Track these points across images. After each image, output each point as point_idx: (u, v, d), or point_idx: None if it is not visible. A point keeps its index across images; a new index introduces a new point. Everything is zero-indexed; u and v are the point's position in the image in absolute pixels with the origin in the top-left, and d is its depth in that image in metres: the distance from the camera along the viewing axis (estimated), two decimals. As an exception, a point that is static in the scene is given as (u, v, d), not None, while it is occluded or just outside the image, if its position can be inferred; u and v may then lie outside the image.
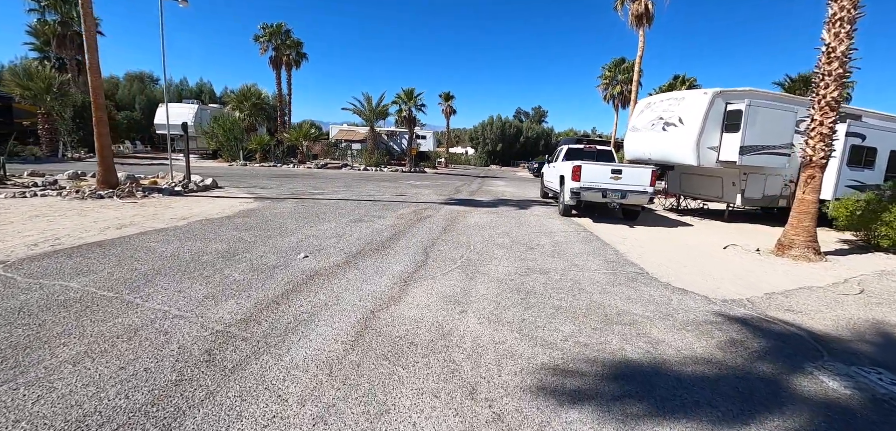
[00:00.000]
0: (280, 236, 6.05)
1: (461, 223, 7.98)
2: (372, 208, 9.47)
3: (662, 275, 5.08)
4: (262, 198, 10.23)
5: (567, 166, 9.23)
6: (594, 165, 8.79)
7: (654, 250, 6.56)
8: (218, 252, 5.05)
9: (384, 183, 16.74)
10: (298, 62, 33.00)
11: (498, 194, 14.42)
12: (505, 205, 11.39)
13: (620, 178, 8.57)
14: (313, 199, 10.52)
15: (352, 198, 11.13)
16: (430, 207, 10.12)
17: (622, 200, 8.57)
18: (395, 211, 9.11)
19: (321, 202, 9.91)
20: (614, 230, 8.13)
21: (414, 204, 10.44)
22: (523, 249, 6.09)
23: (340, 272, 4.55)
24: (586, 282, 4.59)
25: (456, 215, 8.93)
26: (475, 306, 3.73)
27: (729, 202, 10.60)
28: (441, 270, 4.82)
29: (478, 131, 59.03)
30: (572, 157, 10.93)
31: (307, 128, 25.28)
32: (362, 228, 7.04)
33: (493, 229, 7.50)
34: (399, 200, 11.22)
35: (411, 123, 26.49)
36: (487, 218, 8.80)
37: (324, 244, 5.72)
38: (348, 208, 9.29)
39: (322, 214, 8.26)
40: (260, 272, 4.37)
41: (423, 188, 15.13)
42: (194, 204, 8.83)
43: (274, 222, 7.19)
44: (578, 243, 6.75)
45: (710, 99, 9.40)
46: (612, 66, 29.25)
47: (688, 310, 3.90)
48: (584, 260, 5.60)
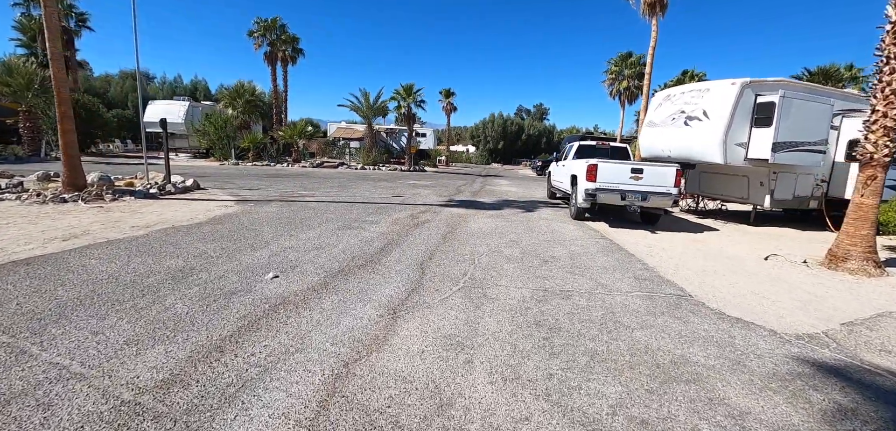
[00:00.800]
0: (251, 250, 5.15)
1: (463, 230, 7.08)
2: (364, 211, 8.57)
3: (710, 298, 4.17)
4: (245, 200, 9.34)
5: (580, 165, 8.31)
6: (612, 163, 7.88)
7: (687, 262, 5.65)
8: (169, 272, 4.16)
9: (381, 183, 15.84)
10: (295, 58, 32.03)
11: (502, 195, 13.52)
12: (510, 207, 10.49)
13: (641, 178, 7.66)
14: (301, 201, 9.62)
15: (344, 200, 10.23)
16: (428, 210, 9.22)
17: (643, 203, 7.66)
18: (390, 215, 8.21)
19: (309, 205, 9.02)
20: (636, 237, 7.22)
21: (411, 207, 9.54)
22: (536, 262, 5.19)
23: (314, 298, 3.66)
24: (620, 310, 3.69)
25: (457, 220, 8.02)
26: (484, 351, 2.83)
27: (755, 204, 9.68)
28: (439, 293, 3.92)
29: (479, 129, 58.09)
30: (584, 154, 10.02)
31: (302, 126, 24.33)
32: (350, 236, 6.14)
33: (499, 237, 6.60)
34: (395, 202, 10.32)
35: (410, 120, 25.55)
36: (492, 223, 7.90)
37: (301, 259, 4.82)
38: (338, 211, 8.39)
39: (307, 219, 7.37)
40: (212, 301, 3.48)
41: (421, 188, 14.23)
42: (166, 208, 7.95)
43: (249, 230, 6.30)
44: (599, 253, 5.84)
45: (739, 90, 8.48)
46: (618, 60, 28.23)
47: (761, 354, 3.00)
48: (611, 278, 4.69)
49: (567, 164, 10.08)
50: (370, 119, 25.86)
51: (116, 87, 36.68)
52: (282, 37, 29.55)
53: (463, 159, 55.40)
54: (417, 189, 13.87)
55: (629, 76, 27.44)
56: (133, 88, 36.16)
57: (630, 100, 28.52)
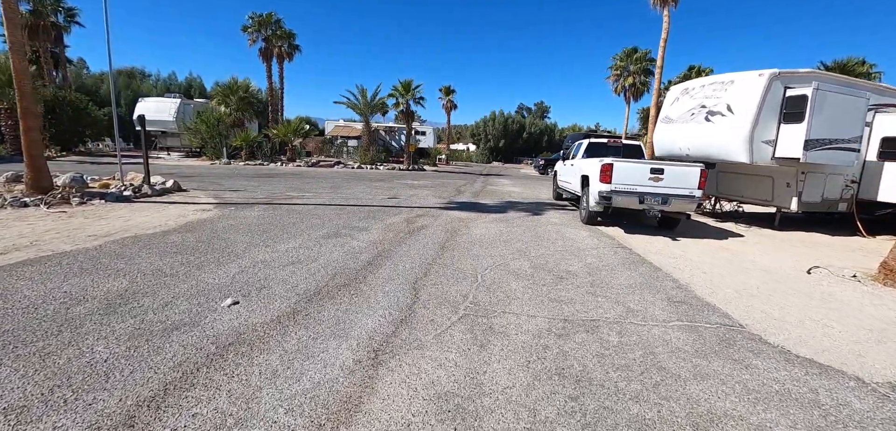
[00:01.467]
0: (216, 265, 4.40)
1: (464, 237, 6.33)
2: (355, 215, 7.82)
3: (765, 328, 3.42)
4: (227, 203, 8.60)
5: (593, 165, 7.56)
6: (629, 163, 7.12)
7: (722, 277, 4.89)
8: (106, 298, 3.41)
9: (377, 183, 15.09)
10: (291, 54, 31.25)
11: (505, 196, 12.76)
12: (514, 209, 9.73)
13: (661, 179, 6.90)
14: (288, 204, 8.87)
15: (335, 202, 9.48)
16: (426, 213, 8.46)
17: (664, 207, 6.90)
18: (383, 220, 7.45)
19: (296, 209, 8.27)
20: (657, 245, 6.46)
21: (407, 210, 8.79)
22: (550, 280, 4.43)
23: (277, 334, 2.91)
24: (663, 349, 2.94)
25: (457, 226, 7.27)
26: (494, 419, 2.08)
27: (780, 207, 8.92)
28: (435, 325, 3.17)
29: (479, 127, 57.31)
30: (595, 153, 9.26)
31: (297, 123, 23.55)
32: (335, 247, 5.39)
33: (504, 247, 5.85)
34: (390, 204, 9.57)
35: (409, 117, 24.76)
36: (496, 229, 7.14)
37: (272, 278, 4.07)
38: (327, 216, 7.64)
39: (290, 226, 6.62)
40: (145, 341, 2.73)
41: (420, 189, 13.48)
42: (137, 213, 7.21)
43: (221, 239, 5.55)
44: (620, 267, 5.08)
45: (767, 82, 7.71)
46: (623, 55, 27.39)
47: (860, 420, 2.25)
48: (641, 300, 3.94)
49: (576, 163, 9.32)
50: (367, 116, 25.08)
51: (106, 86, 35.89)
52: (277, 32, 28.77)
53: (463, 158, 54.65)
54: (415, 190, 13.12)
55: (635, 72, 26.61)
56: (127, 86, 35.40)
57: (635, 96, 27.71)
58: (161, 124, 24.58)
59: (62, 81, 27.61)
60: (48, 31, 25.32)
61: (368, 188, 12.98)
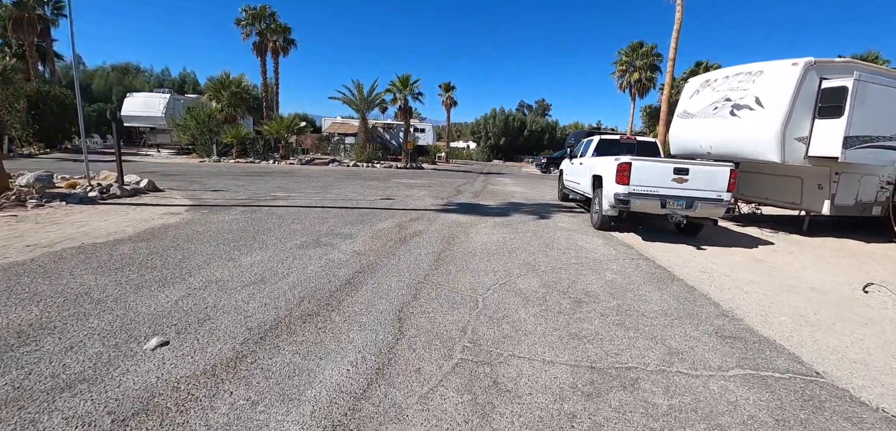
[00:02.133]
0: (158, 287, 3.61)
1: (462, 247, 5.54)
2: (342, 220, 7.03)
3: (851, 380, 2.64)
4: (202, 205, 7.81)
5: (607, 165, 6.77)
6: (649, 162, 6.32)
7: (771, 300, 4.11)
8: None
9: (372, 182, 14.30)
10: (286, 49, 30.44)
11: (507, 196, 11.97)
12: (518, 212, 8.95)
13: (686, 180, 6.11)
14: (271, 206, 8.09)
15: (323, 204, 8.70)
16: (421, 217, 7.68)
17: (689, 211, 6.11)
18: (372, 225, 6.67)
19: (277, 212, 7.48)
20: (683, 255, 5.68)
21: (400, 213, 8.00)
22: (567, 305, 3.65)
23: (204, 396, 2.13)
24: (730, 420, 2.15)
25: (455, 232, 6.49)
26: None
27: (809, 210, 8.14)
28: (421, 380, 2.39)
29: (480, 125, 56.46)
30: (606, 151, 8.47)
31: (290, 119, 22.68)
32: (311, 260, 4.60)
33: (509, 258, 5.06)
34: (383, 206, 8.78)
35: (407, 114, 23.93)
36: (498, 235, 6.36)
37: (222, 305, 3.29)
38: (310, 220, 6.85)
39: (265, 232, 5.83)
40: (14, 410, 1.95)
41: (416, 188, 12.69)
42: (96, 218, 6.42)
43: (179, 250, 4.76)
44: (647, 285, 4.30)
45: (801, 72, 6.91)
46: (629, 50, 26.53)
47: None
48: (683, 335, 3.15)
49: (585, 162, 8.53)
50: (364, 112, 24.24)
51: (100, 80, 35.05)
52: (271, 26, 27.95)
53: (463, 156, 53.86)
54: (412, 189, 12.33)
55: (641, 67, 25.76)
56: (118, 81, 34.56)
57: (641, 93, 26.87)
58: (149, 121, 23.77)
59: (50, 75, 26.79)
60: (34, 24, 24.48)
61: (361, 188, 12.19)
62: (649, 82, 26.12)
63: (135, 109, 24.19)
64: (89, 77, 34.76)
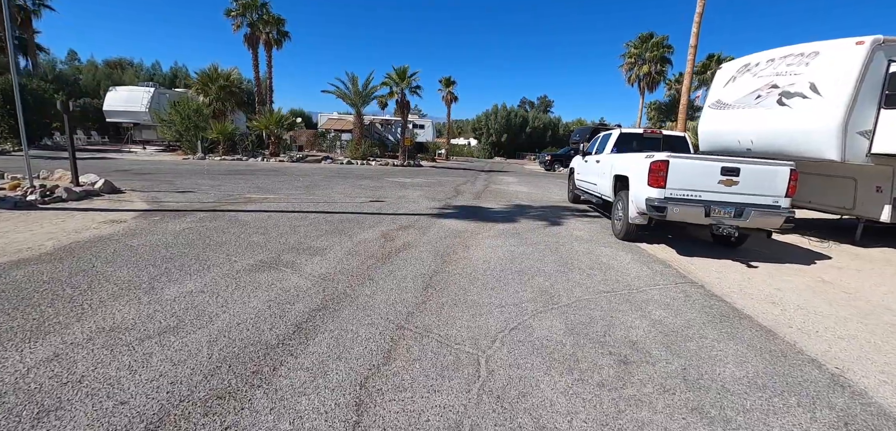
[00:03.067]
0: (24, 339, 2.49)
1: (459, 267, 4.42)
2: (317, 228, 5.91)
3: None
4: (159, 210, 6.70)
5: (634, 163, 5.64)
6: (691, 160, 5.17)
7: (884, 353, 2.98)
8: None
9: (364, 181, 13.17)
10: (280, 42, 29.19)
11: (511, 197, 10.84)
12: (525, 216, 7.81)
13: (736, 183, 4.97)
14: (238, 211, 6.97)
15: (301, 208, 7.58)
16: (412, 224, 6.56)
17: (739, 221, 4.96)
18: (352, 236, 5.55)
19: (242, 219, 6.36)
20: (733, 277, 4.55)
21: (389, 218, 6.87)
22: (610, 371, 2.52)
23: None
24: None
25: (451, 245, 5.36)
26: None
27: (864, 216, 6.99)
28: None
29: (481, 121, 55.32)
30: (627, 146, 7.34)
31: (279, 114, 21.49)
32: (258, 290, 3.48)
33: (520, 285, 3.94)
34: (370, 210, 7.66)
35: (404, 108, 22.71)
36: (505, 249, 5.23)
37: (91, 379, 2.16)
38: (278, 230, 5.73)
39: (215, 247, 4.71)
40: None
41: (411, 189, 11.56)
42: (22, 227, 5.32)
43: (90, 275, 3.64)
44: (711, 329, 3.17)
45: (867, 53, 5.76)
46: (638, 42, 25.25)
47: None
48: (791, 425, 2.03)
49: (604, 160, 7.39)
50: (359, 107, 23.04)
51: (89, 74, 33.90)
52: (264, 17, 26.71)
53: (464, 153, 52.68)
54: (406, 190, 11.20)
55: (651, 60, 24.49)
56: (107, 76, 33.40)
57: (650, 87, 25.62)
58: (133, 116, 22.62)
59: (33, 69, 25.66)
60: (14, 14, 23.32)
61: (351, 188, 11.06)
62: (659, 75, 24.87)
63: (117, 103, 23.04)
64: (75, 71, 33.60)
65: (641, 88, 25.44)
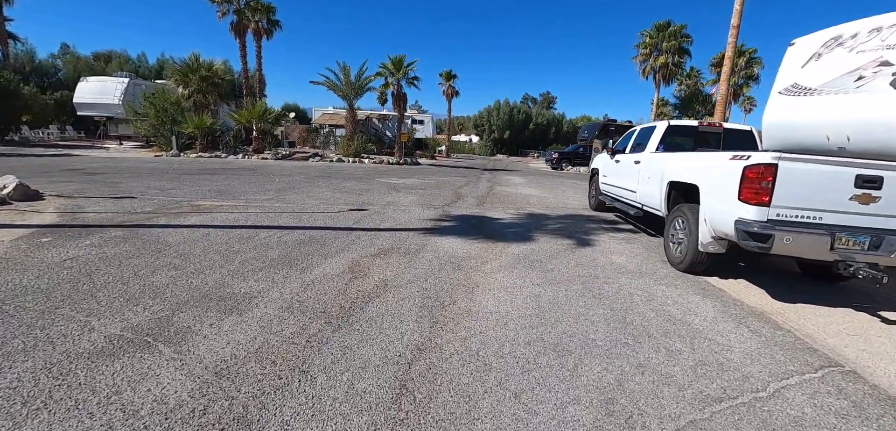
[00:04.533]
0: None
1: (460, 333, 2.77)
2: (260, 257, 4.25)
3: None
4: (68, 225, 5.05)
5: (713, 166, 4.00)
6: (814, 165, 3.48)
7: None
8: None
9: (351, 182, 11.51)
10: (270, 32, 27.49)
11: (521, 202, 9.18)
12: (543, 231, 6.16)
13: (876, 200, 3.31)
14: (169, 226, 5.32)
15: (255, 223, 5.93)
16: (395, 247, 4.90)
17: (881, 256, 3.30)
18: (306, 270, 3.89)
19: (166, 240, 4.70)
20: (880, 343, 2.90)
21: (367, 237, 5.22)
22: None
23: None
24: None
25: (448, 285, 3.71)
26: None
27: None
28: None
29: (483, 117, 53.60)
30: (678, 142, 5.68)
31: (263, 107, 19.72)
32: (72, 417, 1.83)
33: (564, 380, 2.28)
34: (344, 223, 6.01)
35: (400, 101, 20.95)
36: (526, 294, 3.57)
37: None
38: (206, 258, 4.08)
39: (83, 297, 3.06)
40: None
41: (404, 192, 9.91)
42: None
43: None
44: None
45: None
46: (654, 31, 23.40)
47: None
48: None
49: (648, 161, 5.72)
50: (351, 99, 21.30)
51: (70, 66, 32.15)
52: (251, 4, 24.97)
53: (466, 150, 51.05)
54: (397, 193, 9.55)
55: (668, 50, 22.64)
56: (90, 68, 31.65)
57: (666, 79, 23.81)
58: (105, 109, 20.92)
59: (4, 58, 23.98)
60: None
61: (332, 191, 9.40)
62: (676, 67, 23.06)
63: (88, 95, 21.32)
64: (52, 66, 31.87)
65: (657, 81, 23.58)
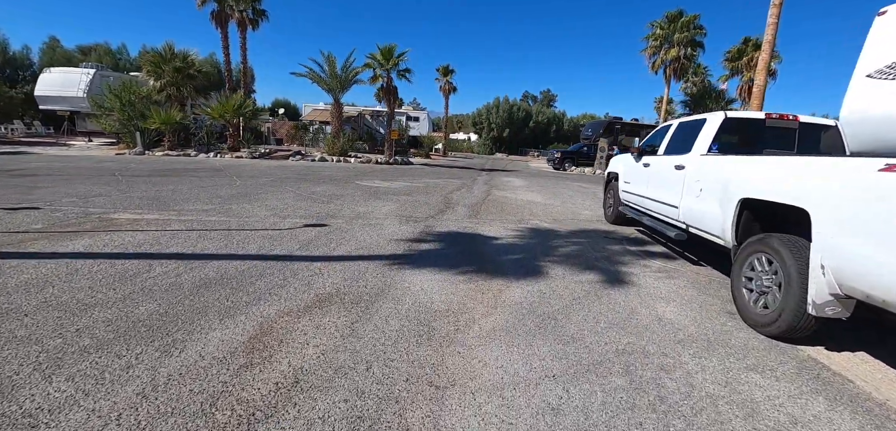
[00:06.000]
0: None
1: None
2: (128, 315, 2.71)
3: None
4: None
5: (839, 179, 2.47)
6: None
7: None
8: None
9: (322, 187, 9.97)
10: (255, 22, 25.80)
11: (522, 212, 7.66)
12: (555, 259, 4.63)
13: None
14: (39, 255, 3.78)
15: (165, 250, 4.38)
16: (341, 291, 3.37)
17: None
18: (181, 347, 2.36)
19: (25, 275, 3.16)
20: None
21: (308, 273, 3.68)
22: None
23: None
24: None
25: (401, 382, 2.18)
26: None
27: None
28: None
29: (481, 115, 52.02)
30: (735, 139, 4.17)
31: (238, 100, 18.03)
32: None
33: None
34: (286, 252, 4.47)
35: (391, 94, 19.32)
36: (535, 407, 2.05)
37: None
38: (45, 312, 2.54)
39: None
40: None
41: (384, 199, 8.38)
42: None
43: None
44: None
45: None
46: (665, 22, 21.78)
47: None
48: None
49: (696, 166, 4.21)
50: (336, 93, 19.68)
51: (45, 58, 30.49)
52: (234, -9, 23.31)
53: (464, 149, 49.47)
54: (375, 201, 8.01)
55: (680, 42, 21.04)
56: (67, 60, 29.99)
57: (678, 74, 22.23)
58: (69, 103, 19.31)
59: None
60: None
61: (296, 199, 7.86)
62: (689, 61, 21.52)
63: (51, 87, 19.69)
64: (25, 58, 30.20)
65: (667, 76, 21.96)
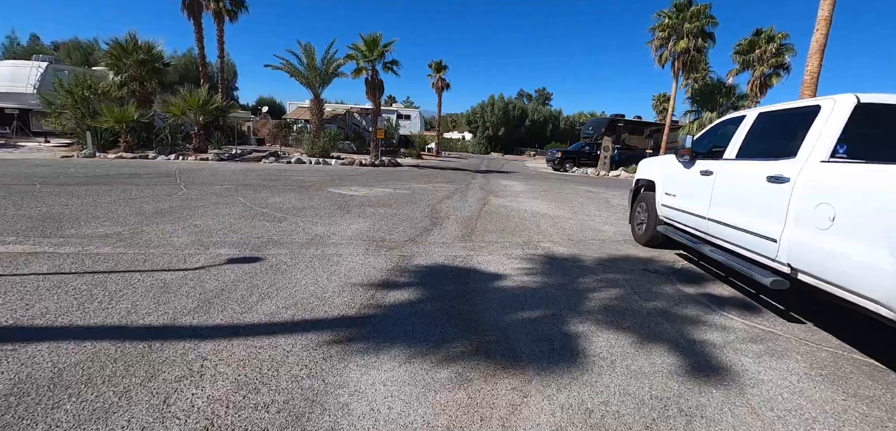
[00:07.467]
0: None
1: None
2: None
3: None
4: None
5: None
6: None
7: None
8: None
9: (283, 196, 8.26)
10: (233, 13, 23.87)
11: (529, 231, 6.03)
12: (588, 320, 3.00)
13: None
14: None
15: None
16: (221, 429, 1.70)
17: None
18: None
19: None
20: None
21: (148, 408, 2.02)
22: None
23: None
24: None
25: None
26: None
27: None
28: None
29: (476, 113, 50.44)
30: (872, 135, 2.55)
31: (201, 96, 16.10)
32: None
33: None
34: (163, 320, 2.79)
35: (375, 89, 17.59)
36: None
37: None
38: None
39: None
40: None
41: (354, 213, 6.71)
42: None
43: None
44: None
45: None
46: (673, 12, 20.22)
47: None
48: None
49: (829, 181, 2.60)
50: (316, 87, 17.92)
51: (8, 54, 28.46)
52: (208, -21, 21.45)
53: (458, 148, 47.80)
54: (342, 216, 6.33)
55: (691, 33, 19.53)
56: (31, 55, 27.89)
57: (687, 67, 20.72)
58: (17, 99, 17.42)
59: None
60: None
61: (239, 215, 6.15)
62: (699, 53, 20.03)
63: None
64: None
65: (676, 70, 20.45)
